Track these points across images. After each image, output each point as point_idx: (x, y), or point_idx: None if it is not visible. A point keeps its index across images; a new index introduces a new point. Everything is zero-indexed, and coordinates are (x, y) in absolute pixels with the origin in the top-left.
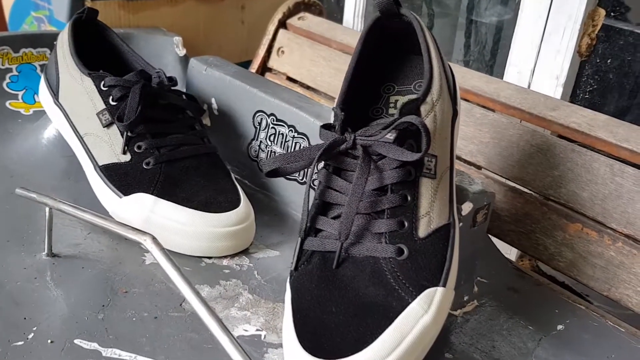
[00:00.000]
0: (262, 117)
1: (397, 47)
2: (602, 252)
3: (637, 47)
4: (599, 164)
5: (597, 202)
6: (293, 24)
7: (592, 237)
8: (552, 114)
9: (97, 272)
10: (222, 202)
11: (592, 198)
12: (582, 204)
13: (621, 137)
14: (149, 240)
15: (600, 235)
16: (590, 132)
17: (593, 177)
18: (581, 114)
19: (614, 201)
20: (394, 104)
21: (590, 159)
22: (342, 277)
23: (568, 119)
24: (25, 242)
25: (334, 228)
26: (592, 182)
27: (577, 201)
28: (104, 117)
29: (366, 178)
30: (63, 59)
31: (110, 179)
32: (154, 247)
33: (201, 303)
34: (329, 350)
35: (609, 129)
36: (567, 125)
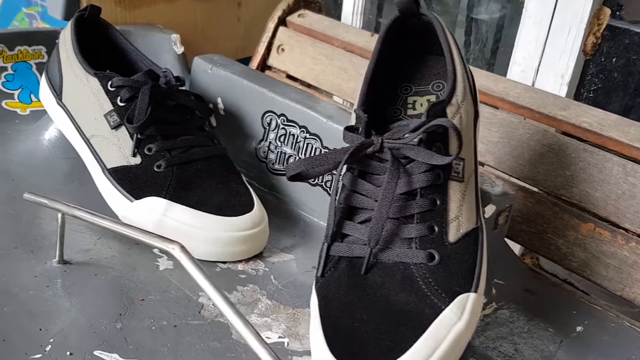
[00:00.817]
0: (272, 118)
1: (414, 47)
2: (615, 252)
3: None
4: (612, 163)
5: (610, 202)
6: (293, 21)
7: (605, 237)
8: (562, 114)
9: (111, 279)
10: (236, 206)
11: (604, 198)
12: (595, 203)
13: (633, 137)
14: (177, 248)
15: (613, 235)
16: (602, 131)
17: (606, 177)
18: (592, 114)
19: (627, 201)
20: (412, 104)
21: (603, 159)
22: (371, 284)
23: (579, 119)
24: (34, 249)
25: (362, 233)
26: (604, 182)
27: (589, 201)
28: (112, 118)
29: (396, 182)
30: (66, 58)
31: (120, 183)
32: (182, 255)
33: (235, 313)
34: (361, 358)
35: (620, 128)
36: (579, 125)
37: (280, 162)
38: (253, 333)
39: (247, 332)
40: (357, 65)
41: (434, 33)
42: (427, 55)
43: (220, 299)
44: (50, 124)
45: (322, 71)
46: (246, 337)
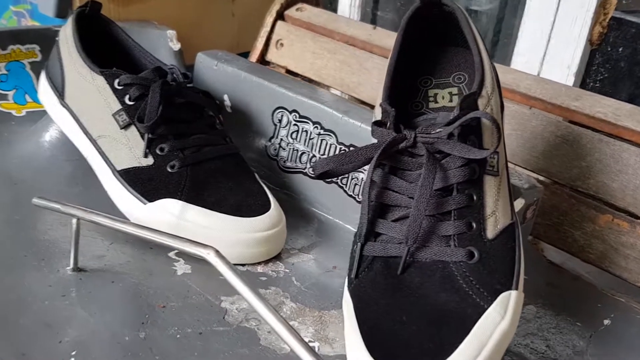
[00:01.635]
0: (283, 114)
1: (433, 38)
2: (634, 243)
3: None
4: (629, 154)
5: (628, 193)
6: (291, 16)
7: (624, 228)
8: (575, 104)
9: (129, 286)
10: (253, 206)
11: (622, 189)
12: (612, 194)
13: None
14: (212, 253)
15: (632, 226)
16: (617, 121)
17: (623, 168)
18: (605, 103)
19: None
20: (433, 97)
21: (620, 149)
22: (409, 284)
23: (593, 109)
24: (45, 257)
25: (396, 231)
26: (622, 172)
27: (607, 192)
28: (120, 118)
29: (433, 178)
30: (69, 56)
31: (132, 184)
32: (218, 261)
33: (278, 319)
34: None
35: (635, 118)
36: (593, 115)
37: (292, 159)
38: (298, 339)
39: (292, 338)
40: (361, 58)
41: (455, 23)
42: (446, 46)
43: (261, 305)
44: (50, 125)
45: (324, 66)
46: (291, 343)
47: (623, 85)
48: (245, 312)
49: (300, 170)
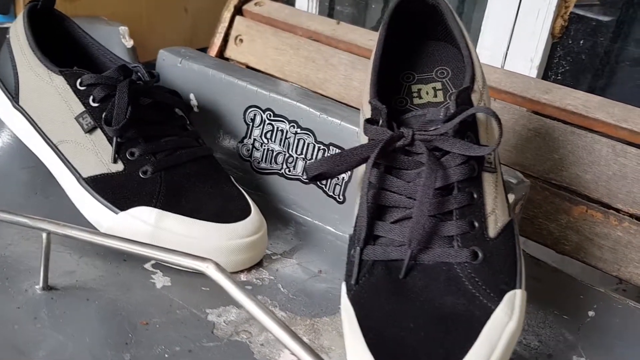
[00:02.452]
0: (256, 113)
1: (414, 33)
2: (608, 233)
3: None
4: (601, 145)
5: (601, 184)
6: (250, 10)
7: (598, 219)
8: (546, 97)
9: (106, 303)
10: (233, 211)
11: (595, 180)
12: (586, 186)
13: (619, 118)
14: (212, 266)
15: (605, 216)
16: (588, 113)
17: (595, 159)
18: (575, 96)
19: (618, 182)
20: (417, 93)
21: (592, 141)
22: (412, 288)
23: (563, 101)
24: (8, 275)
25: (396, 234)
26: (594, 163)
27: (580, 184)
28: (84, 121)
29: (435, 177)
30: (21, 54)
31: (100, 193)
32: (219, 274)
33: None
34: None
35: (604, 109)
36: (564, 108)
37: (266, 160)
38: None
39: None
40: (326, 54)
41: (437, 17)
42: (427, 40)
43: (267, 318)
44: (1, 130)
45: (287, 62)
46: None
47: (584, 77)
48: (234, 324)
49: (276, 172)
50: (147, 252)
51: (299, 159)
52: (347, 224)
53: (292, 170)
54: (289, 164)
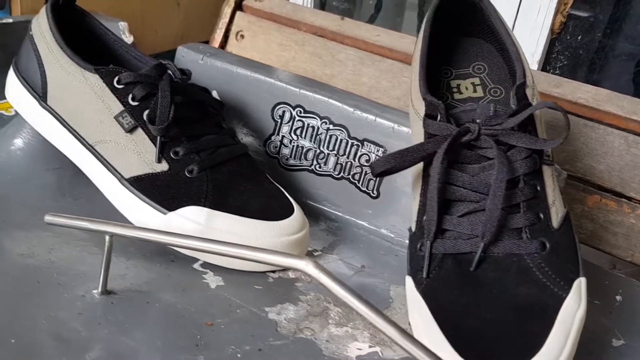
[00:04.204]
0: (285, 110)
1: (452, 29)
2: (622, 221)
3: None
4: (613, 137)
5: (614, 174)
6: (251, 6)
7: (612, 207)
8: (557, 91)
9: (167, 306)
10: (277, 209)
11: (608, 170)
12: (600, 176)
13: (629, 110)
14: (312, 265)
15: (619, 204)
16: (599, 106)
17: (609, 150)
18: (584, 90)
19: (630, 171)
20: (456, 88)
21: (604, 133)
22: (484, 279)
23: (575, 95)
24: (59, 281)
25: (464, 227)
26: (607, 154)
27: (594, 174)
28: (125, 120)
29: (505, 171)
30: (49, 52)
31: (146, 193)
32: (318, 272)
33: (396, 329)
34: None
35: (614, 102)
36: (575, 101)
37: (296, 156)
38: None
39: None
40: (333, 50)
41: (476, 14)
42: (462, 37)
43: (375, 316)
44: (21, 130)
45: (292, 58)
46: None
47: (581, 71)
48: (295, 322)
49: (306, 168)
50: (237, 252)
51: (330, 154)
52: (381, 219)
53: (323, 166)
54: (319, 160)
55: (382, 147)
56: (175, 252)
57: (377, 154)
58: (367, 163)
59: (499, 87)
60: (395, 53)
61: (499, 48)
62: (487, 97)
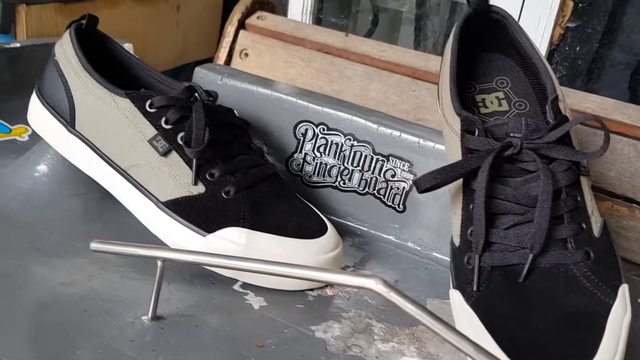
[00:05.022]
0: (308, 128)
1: (474, 45)
2: (634, 225)
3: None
4: (622, 144)
5: (625, 180)
6: (254, 24)
7: (624, 213)
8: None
9: (216, 329)
10: (313, 227)
11: (619, 177)
12: (611, 182)
13: (635, 119)
14: (380, 283)
15: (631, 210)
16: (607, 115)
17: (618, 157)
18: (590, 99)
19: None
20: (482, 102)
21: (613, 141)
22: (533, 290)
23: (582, 105)
24: (106, 308)
25: (510, 239)
26: (617, 161)
27: (605, 181)
28: (159, 144)
29: (551, 183)
30: (76, 77)
31: (184, 216)
32: (388, 290)
33: (472, 346)
34: None
35: (621, 111)
36: (583, 111)
37: (319, 173)
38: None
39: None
40: (340, 66)
41: (498, 30)
42: (482, 52)
43: (450, 332)
44: (44, 156)
45: (299, 74)
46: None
47: (580, 81)
48: (342, 339)
49: (329, 184)
50: (304, 273)
51: (355, 170)
52: (408, 233)
53: (348, 182)
54: (344, 177)
55: (407, 162)
56: (214, 273)
57: (403, 168)
58: (392, 178)
59: (524, 101)
60: (402, 68)
61: (520, 62)
62: (513, 111)
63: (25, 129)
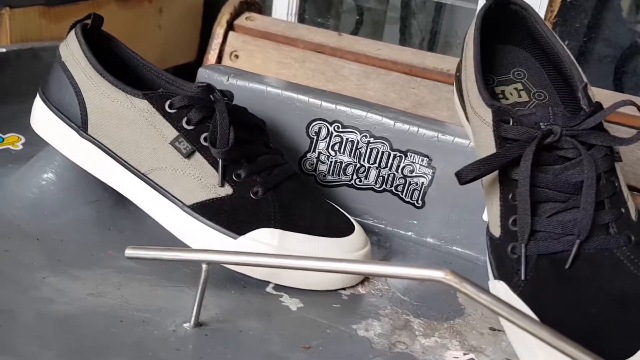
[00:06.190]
0: (321, 126)
1: (491, 37)
2: None
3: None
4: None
5: (627, 169)
6: (243, 25)
7: None
8: None
9: (260, 333)
10: (341, 225)
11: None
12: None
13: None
14: (451, 275)
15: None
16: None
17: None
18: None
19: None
20: (501, 94)
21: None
22: (580, 276)
23: None
24: (143, 318)
25: (553, 226)
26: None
27: None
28: (182, 145)
29: (594, 170)
30: (87, 79)
31: (212, 219)
32: (461, 281)
33: (550, 333)
34: (613, 355)
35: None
36: None
37: (334, 172)
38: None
39: (582, 353)
40: (336, 66)
41: (517, 21)
42: (497, 44)
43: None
44: (50, 164)
45: (293, 75)
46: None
47: None
48: (385, 337)
49: (345, 183)
50: (369, 268)
51: (371, 168)
52: (427, 228)
53: (364, 180)
54: (359, 174)
55: (426, 157)
56: (245, 277)
57: (422, 164)
58: (411, 174)
59: (542, 91)
60: (399, 65)
61: (536, 53)
62: (533, 101)
63: (17, 138)
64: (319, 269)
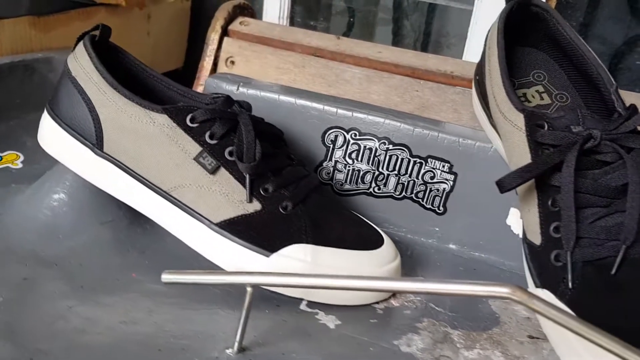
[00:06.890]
0: (338, 134)
1: (510, 39)
2: None
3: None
4: None
5: None
6: (238, 31)
7: None
8: None
9: (305, 355)
10: (371, 237)
11: None
12: None
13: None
14: (519, 291)
15: None
16: None
17: None
18: None
19: None
20: (524, 97)
21: None
22: (627, 282)
23: None
24: (182, 346)
25: (596, 232)
26: None
27: None
28: (206, 161)
29: (638, 174)
30: (100, 94)
31: (242, 237)
32: (529, 298)
33: (621, 344)
34: None
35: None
36: None
37: (352, 181)
38: None
39: None
40: (336, 70)
41: (538, 24)
42: (516, 46)
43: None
44: (61, 184)
45: (293, 80)
46: None
47: None
48: (427, 351)
49: (363, 191)
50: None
51: (390, 175)
52: (449, 235)
53: (383, 187)
54: (378, 182)
55: (447, 163)
56: (277, 295)
57: (443, 169)
58: (431, 180)
59: (564, 93)
60: (401, 68)
61: (555, 55)
62: (555, 104)
63: (16, 155)
64: (378, 289)
